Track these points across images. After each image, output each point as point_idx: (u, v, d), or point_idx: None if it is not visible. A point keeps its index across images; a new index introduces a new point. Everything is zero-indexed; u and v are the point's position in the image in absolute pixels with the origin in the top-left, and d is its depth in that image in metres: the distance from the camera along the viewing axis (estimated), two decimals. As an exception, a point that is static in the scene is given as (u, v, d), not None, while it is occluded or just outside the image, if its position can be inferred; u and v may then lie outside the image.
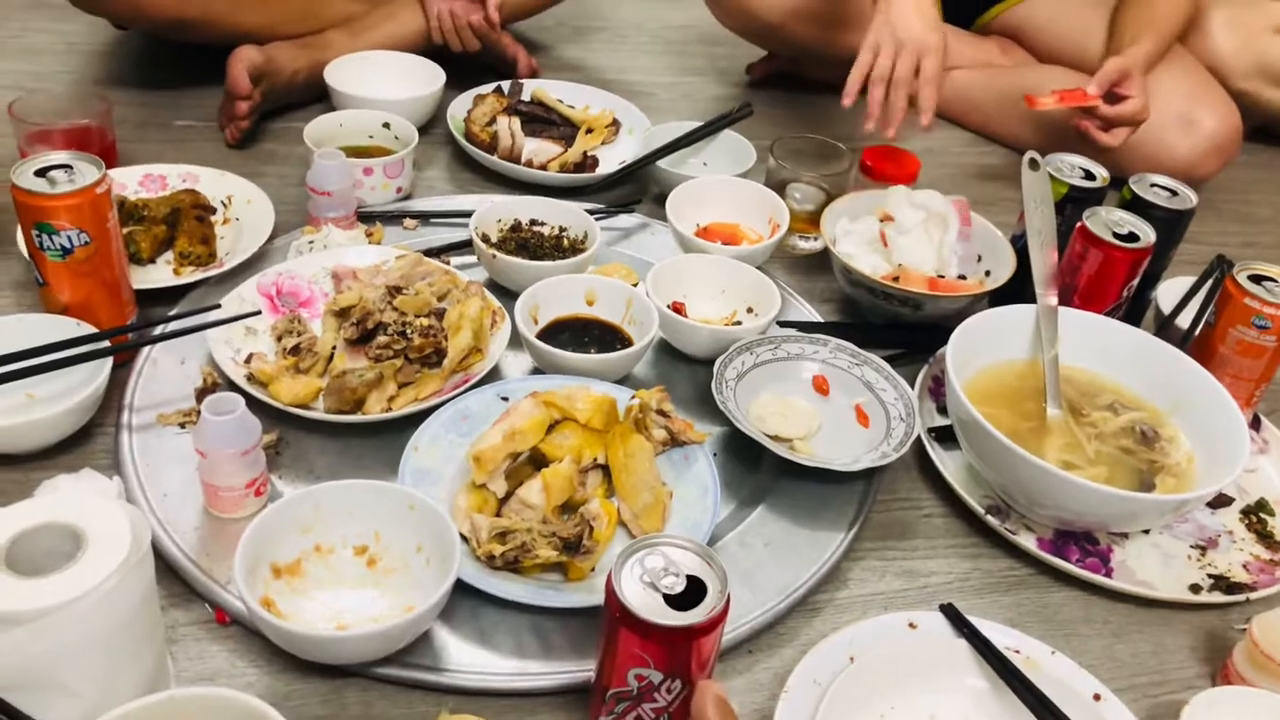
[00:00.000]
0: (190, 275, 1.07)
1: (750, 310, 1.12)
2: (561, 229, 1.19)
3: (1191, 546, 0.94)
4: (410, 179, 1.28)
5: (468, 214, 1.17)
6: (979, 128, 1.67)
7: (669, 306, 1.08)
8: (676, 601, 0.62)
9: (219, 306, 0.98)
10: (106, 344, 0.91)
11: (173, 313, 1.00)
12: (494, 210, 1.17)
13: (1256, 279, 1.00)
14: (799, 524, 0.90)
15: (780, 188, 1.30)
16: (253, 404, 0.87)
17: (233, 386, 0.92)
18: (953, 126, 1.68)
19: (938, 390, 1.07)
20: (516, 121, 1.38)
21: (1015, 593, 0.89)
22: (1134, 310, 1.15)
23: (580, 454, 0.88)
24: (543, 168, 1.34)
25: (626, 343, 1.04)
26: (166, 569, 0.80)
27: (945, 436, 1.00)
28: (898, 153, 1.31)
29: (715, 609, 0.61)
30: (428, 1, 1.48)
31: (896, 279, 1.14)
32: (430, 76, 1.43)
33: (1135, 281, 1.06)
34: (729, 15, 1.60)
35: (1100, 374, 1.03)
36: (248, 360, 0.95)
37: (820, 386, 1.04)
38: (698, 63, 1.80)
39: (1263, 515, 0.97)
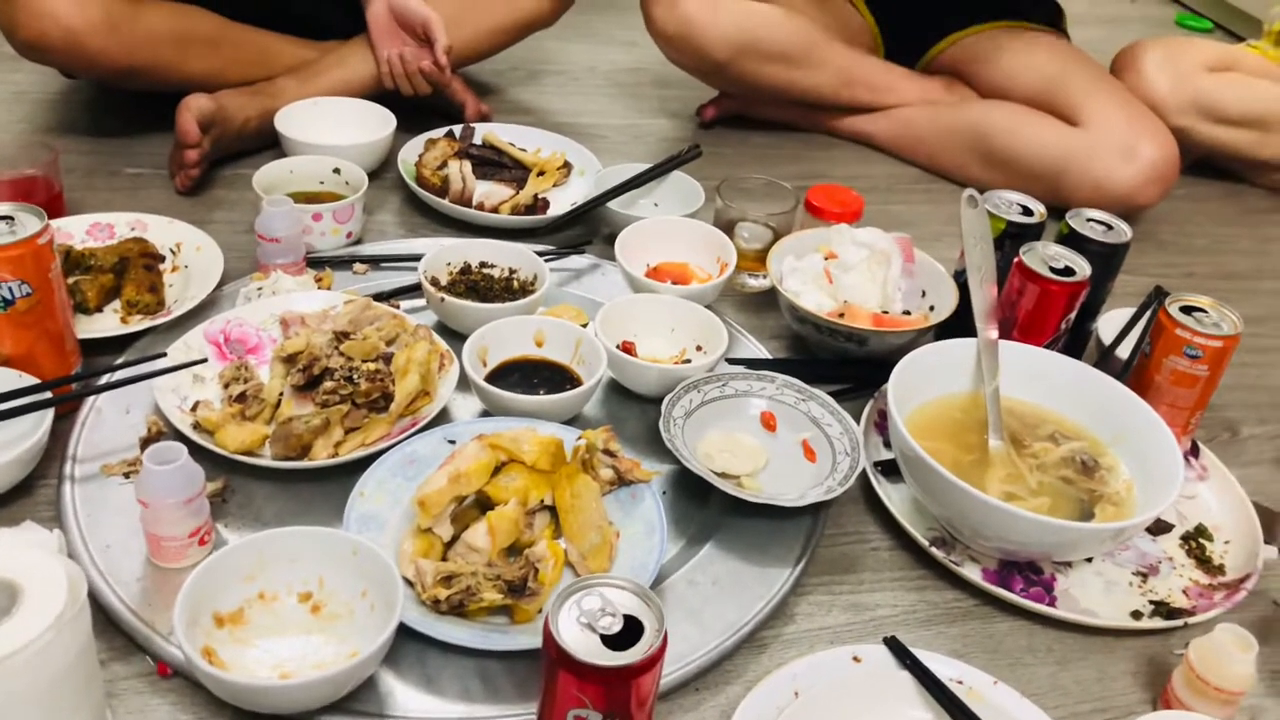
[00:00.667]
0: (138, 324, 1.07)
1: (699, 348, 1.13)
2: (511, 271, 1.20)
3: (1133, 573, 0.96)
4: (360, 224, 1.28)
5: (418, 258, 1.18)
6: (926, 163, 1.70)
7: (618, 346, 1.09)
8: (614, 642, 0.62)
9: (165, 355, 0.98)
10: (48, 395, 0.91)
11: (119, 362, 1.00)
12: (444, 254, 1.18)
13: (1188, 310, 1.03)
14: (747, 560, 0.91)
15: (729, 227, 1.32)
16: (199, 452, 0.87)
17: (178, 435, 0.91)
18: (900, 162, 1.72)
19: (883, 424, 1.08)
20: (468, 165, 1.39)
21: (961, 624, 0.90)
22: (1075, 342, 1.17)
23: (527, 496, 0.88)
24: (494, 210, 1.35)
25: (576, 383, 1.04)
26: (107, 622, 0.79)
27: (891, 470, 1.01)
28: (841, 191, 1.34)
29: (652, 648, 0.62)
30: (378, 47, 1.49)
31: (842, 315, 1.16)
32: (381, 121, 1.44)
33: (1073, 314, 1.08)
34: (679, 53, 1.62)
35: (1041, 405, 1.04)
36: (194, 408, 0.95)
37: (768, 422, 1.05)
38: (649, 105, 1.83)
39: (1202, 541, 0.99)
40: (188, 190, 1.34)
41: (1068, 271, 1.07)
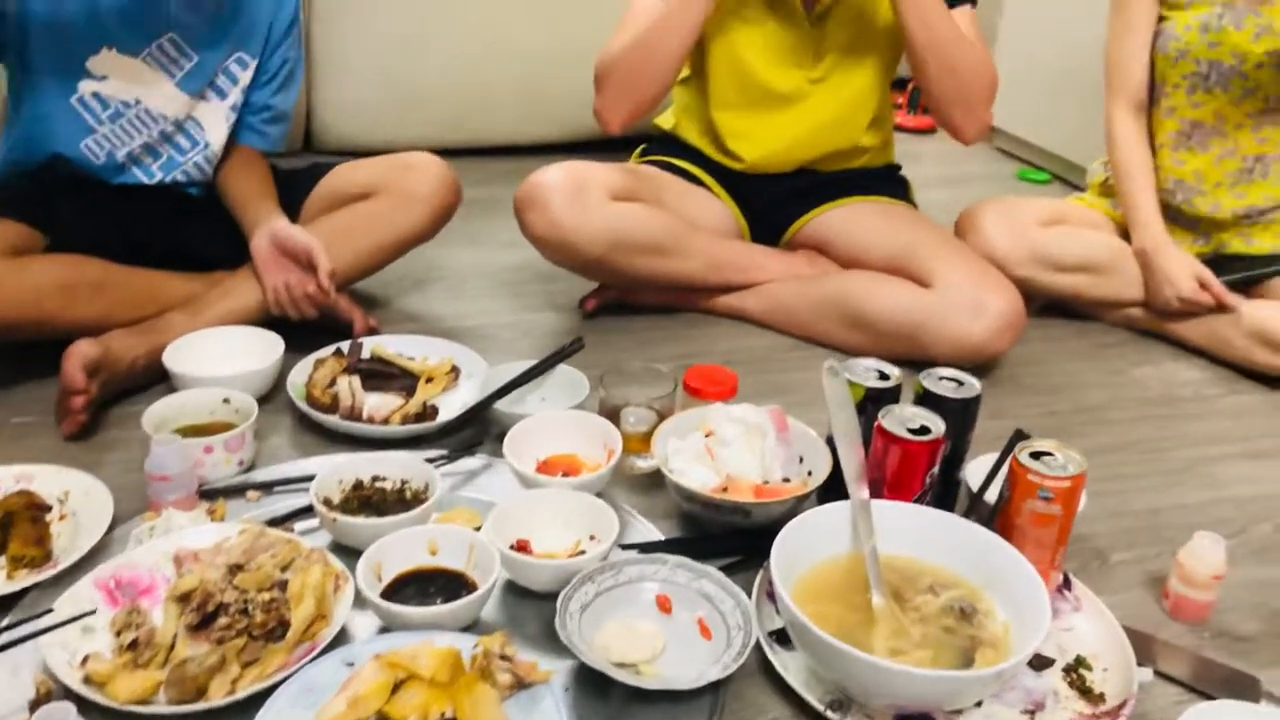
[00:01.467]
0: (24, 579, 1.06)
1: (593, 537, 1.16)
2: (404, 482, 1.23)
3: (1021, 712, 0.99)
4: (252, 450, 1.31)
5: (310, 478, 1.20)
6: (798, 333, 1.80)
7: (514, 544, 1.12)
8: None
9: (52, 610, 0.98)
10: (-69, 666, 0.89)
11: (4, 623, 0.99)
12: (335, 472, 1.21)
13: (1036, 455, 1.11)
14: (651, 749, 0.93)
15: (614, 413, 1.38)
16: (90, 708, 0.86)
17: (68, 692, 0.91)
18: (774, 334, 1.82)
19: (774, 593, 1.12)
20: (356, 380, 1.44)
21: (864, 786, 0.92)
22: (945, 492, 1.24)
23: (427, 711, 0.89)
24: (384, 422, 1.39)
25: (471, 589, 1.06)
26: None
27: (785, 638, 1.04)
28: (717, 370, 1.42)
29: None
30: (263, 276, 1.55)
31: (726, 489, 1.21)
32: (269, 347, 1.48)
33: (936, 468, 1.15)
34: (555, 254, 1.71)
35: (917, 558, 1.10)
36: (84, 661, 0.94)
37: (663, 605, 1.08)
38: (534, 300, 1.91)
39: (1082, 671, 1.04)
40: (76, 435, 1.35)
41: (924, 430, 1.15)
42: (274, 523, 1.17)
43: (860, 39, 1.73)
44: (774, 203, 1.87)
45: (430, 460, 1.27)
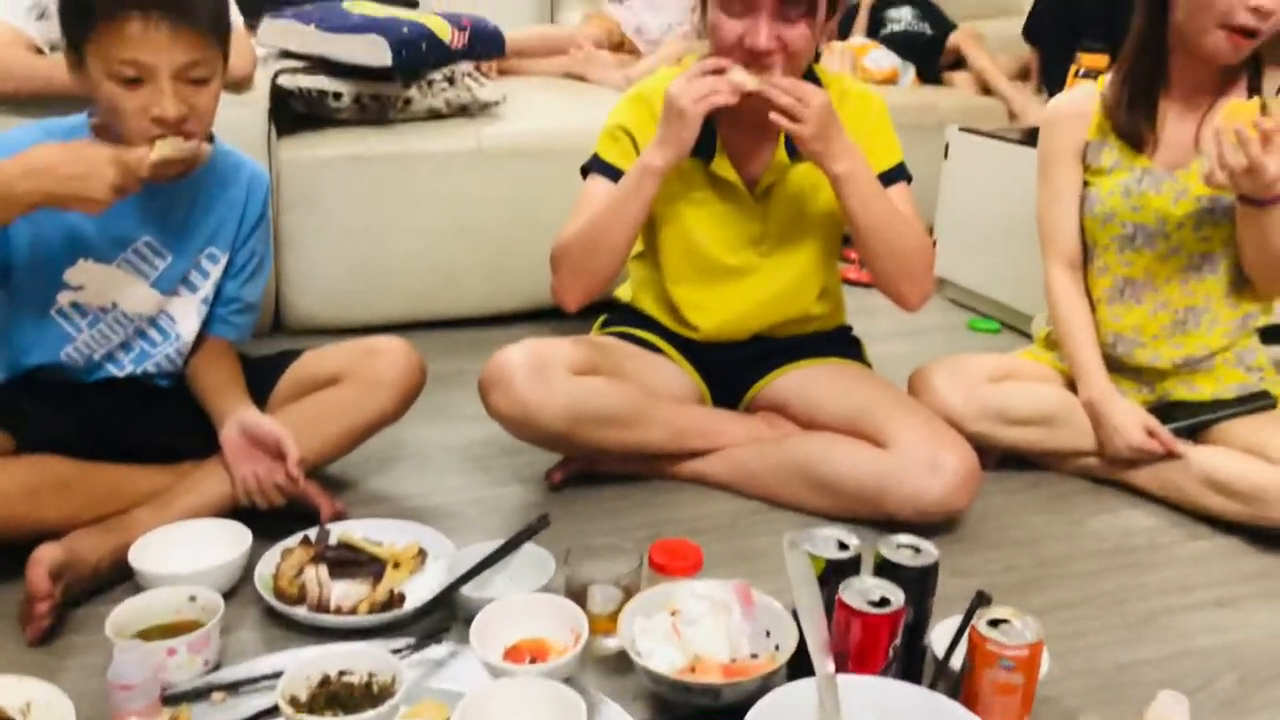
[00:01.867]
0: (-18, 800, 1.05)
1: (562, 727, 1.16)
2: (371, 675, 1.22)
3: None
4: (218, 648, 1.30)
5: (277, 675, 1.19)
6: (763, 495, 1.82)
7: (482, 738, 1.11)
8: None
9: (9, 836, 0.96)
10: None
11: None
12: (302, 669, 1.20)
13: (994, 623, 1.13)
14: None
15: (581, 592, 1.38)
16: None
17: None
18: (739, 498, 1.84)
19: (746, 778, 1.11)
20: (324, 569, 1.44)
21: None
22: (911, 660, 1.25)
23: None
24: (352, 611, 1.39)
25: (440, 788, 1.05)
26: None
27: (758, 826, 1.04)
28: (681, 545, 1.44)
29: None
30: (233, 467, 1.56)
31: (694, 669, 1.22)
32: (235, 539, 1.48)
33: (898, 639, 1.17)
34: (520, 430, 1.74)
35: (886, 733, 1.10)
36: None
37: (634, 798, 1.07)
38: (501, 474, 1.93)
39: (1057, 847, 1.03)
40: (39, 640, 1.34)
41: (884, 602, 1.17)
42: (239, 726, 1.15)
43: (803, 215, 1.82)
44: (732, 368, 1.93)
45: (397, 650, 1.27)
